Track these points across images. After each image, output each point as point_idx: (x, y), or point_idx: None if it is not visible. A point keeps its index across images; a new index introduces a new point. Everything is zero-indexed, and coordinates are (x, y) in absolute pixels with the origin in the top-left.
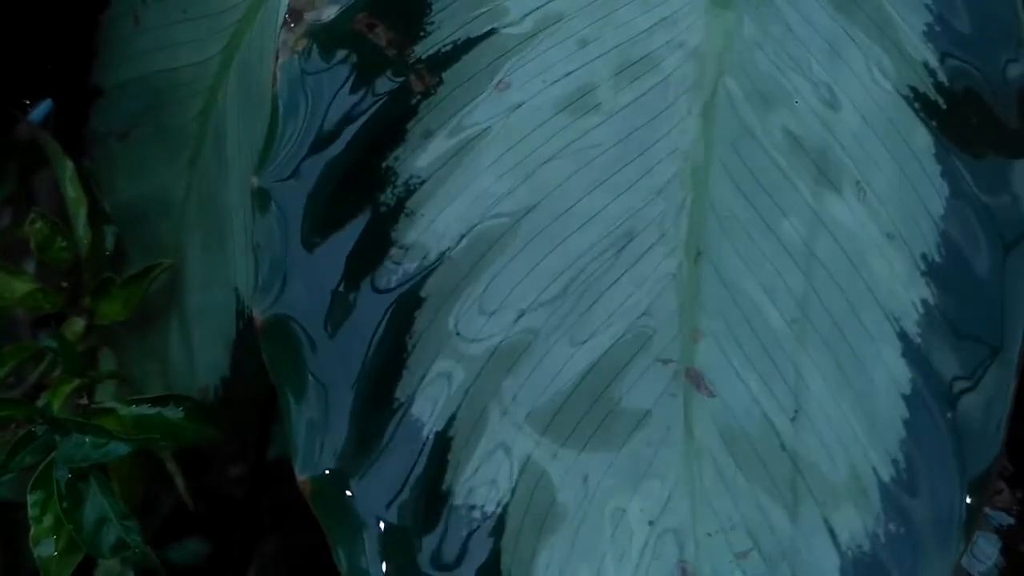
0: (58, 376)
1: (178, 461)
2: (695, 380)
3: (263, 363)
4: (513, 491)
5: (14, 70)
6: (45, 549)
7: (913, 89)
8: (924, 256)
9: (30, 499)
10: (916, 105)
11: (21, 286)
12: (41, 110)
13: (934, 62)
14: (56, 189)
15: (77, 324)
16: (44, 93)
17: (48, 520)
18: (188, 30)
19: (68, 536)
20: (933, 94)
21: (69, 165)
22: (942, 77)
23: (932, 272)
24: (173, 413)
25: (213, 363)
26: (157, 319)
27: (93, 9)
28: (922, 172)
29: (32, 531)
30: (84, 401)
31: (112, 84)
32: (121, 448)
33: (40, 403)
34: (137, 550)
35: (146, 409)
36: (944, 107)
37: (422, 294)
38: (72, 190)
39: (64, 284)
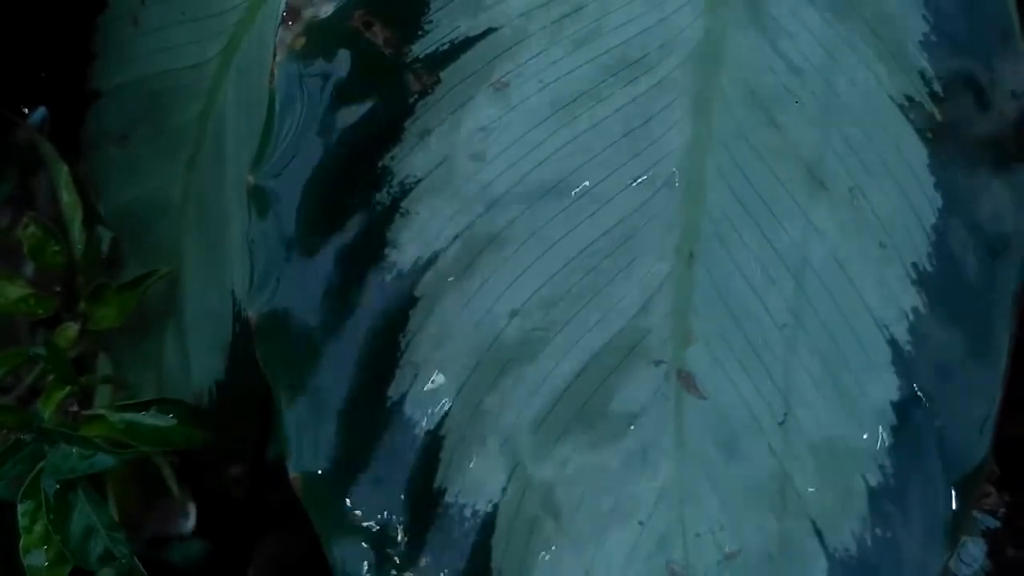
0: (51, 381)
1: (174, 465)
2: (686, 382)
3: (259, 364)
4: (504, 490)
5: (12, 74)
6: (35, 559)
7: (909, 98)
8: (915, 265)
9: (20, 508)
10: (911, 115)
11: (15, 291)
12: (40, 113)
13: (930, 71)
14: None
15: (71, 329)
16: (42, 97)
17: (38, 530)
18: (187, 32)
19: (58, 546)
20: (928, 104)
21: (65, 169)
22: (937, 87)
23: (923, 281)
24: (164, 418)
25: (208, 366)
26: (153, 323)
27: (91, 12)
28: (915, 182)
29: (22, 541)
30: (75, 408)
31: (111, 86)
32: (108, 460)
33: (32, 410)
34: (124, 561)
35: (136, 415)
36: (939, 118)
37: (416, 293)
38: (67, 194)
39: (58, 289)
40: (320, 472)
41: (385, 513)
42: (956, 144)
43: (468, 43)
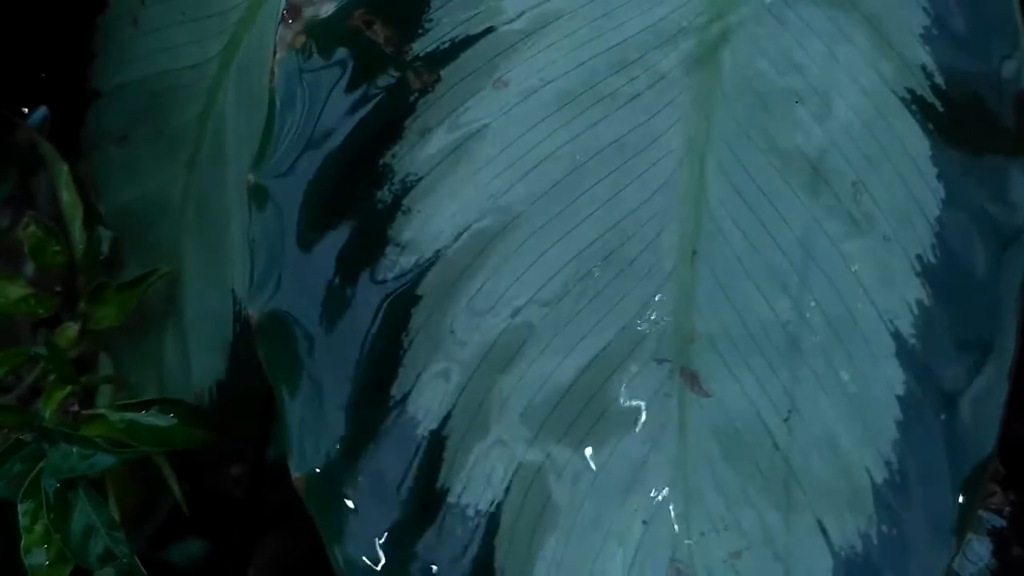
0: (52, 381)
1: (174, 464)
2: (690, 380)
3: (260, 364)
4: (507, 490)
5: (12, 74)
6: (36, 558)
7: (910, 91)
8: (919, 257)
9: (21, 508)
10: (913, 108)
11: (15, 291)
12: (40, 113)
13: (931, 65)
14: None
15: (71, 329)
16: (42, 97)
17: (39, 529)
18: (187, 32)
19: (59, 546)
20: (930, 97)
21: (65, 169)
22: (939, 80)
23: (927, 274)
24: (164, 418)
25: (209, 366)
26: (153, 323)
27: (91, 12)
28: (918, 174)
29: (23, 540)
30: (76, 408)
31: (111, 86)
32: (107, 460)
33: (33, 409)
34: (124, 560)
35: (137, 415)
36: (941, 110)
37: (418, 292)
38: (68, 194)
39: (58, 288)
40: (322, 472)
41: (388, 513)
42: (958, 136)
43: (468, 41)
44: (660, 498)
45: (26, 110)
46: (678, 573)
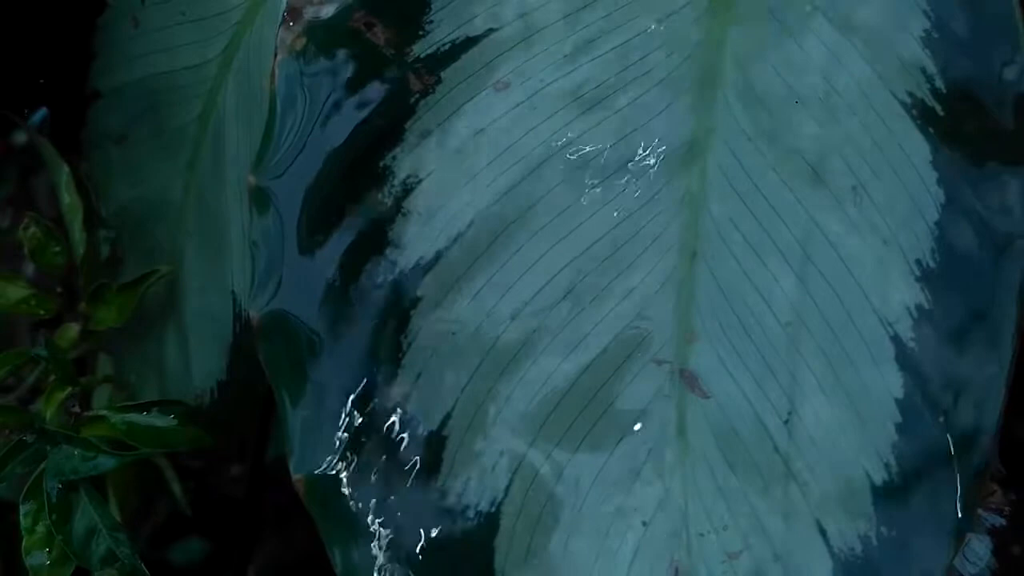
0: (53, 382)
1: (174, 464)
2: (689, 381)
3: (260, 365)
4: (507, 491)
5: (13, 75)
6: (37, 559)
7: (911, 95)
8: (919, 262)
9: (22, 509)
10: (913, 112)
11: (16, 291)
12: (41, 113)
13: (931, 68)
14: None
15: (72, 330)
16: (43, 97)
17: (40, 530)
18: (187, 32)
19: (60, 547)
20: (931, 100)
21: (65, 170)
22: (939, 84)
23: (927, 278)
24: (164, 419)
25: (210, 367)
26: (153, 324)
27: (91, 12)
28: (918, 179)
29: (24, 541)
30: (76, 409)
31: (111, 87)
32: (109, 462)
33: (34, 410)
34: (127, 562)
35: (137, 416)
36: (941, 114)
37: (418, 293)
38: (68, 196)
39: (59, 289)
40: (323, 473)
41: (388, 514)
42: (958, 140)
43: (469, 43)
44: (660, 499)
45: (26, 110)
46: (678, 574)
